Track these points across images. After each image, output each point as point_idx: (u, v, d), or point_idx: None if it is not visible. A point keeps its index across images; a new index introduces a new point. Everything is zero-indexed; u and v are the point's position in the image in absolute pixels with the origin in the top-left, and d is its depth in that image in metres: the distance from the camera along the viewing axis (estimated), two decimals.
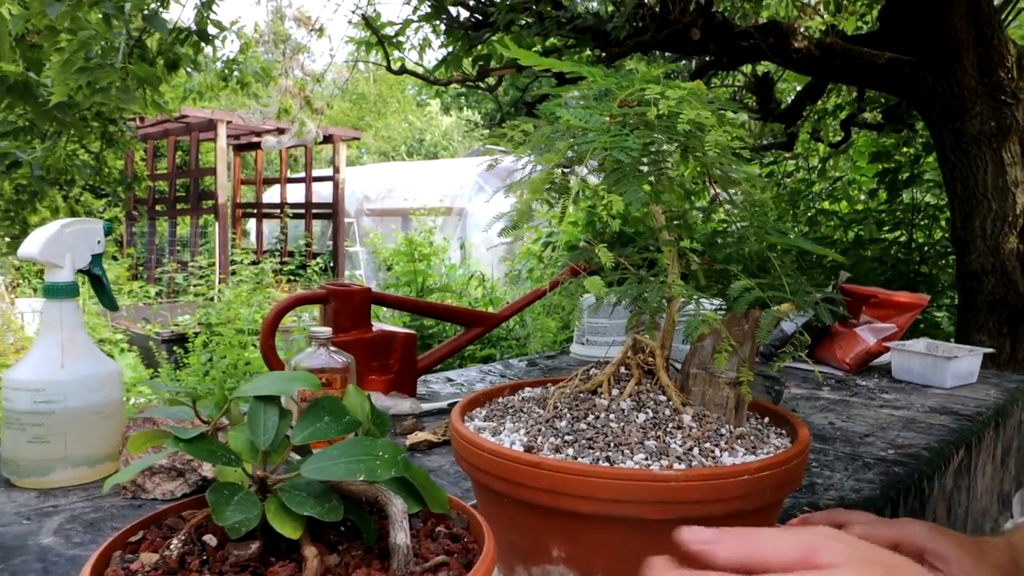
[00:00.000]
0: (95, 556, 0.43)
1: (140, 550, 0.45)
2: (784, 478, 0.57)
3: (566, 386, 0.67)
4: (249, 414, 0.44)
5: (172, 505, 0.50)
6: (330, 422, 0.45)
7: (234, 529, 0.37)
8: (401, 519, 0.41)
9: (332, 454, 0.40)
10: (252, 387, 0.46)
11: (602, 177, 0.53)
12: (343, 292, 1.27)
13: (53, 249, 0.88)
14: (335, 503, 0.40)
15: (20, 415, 0.85)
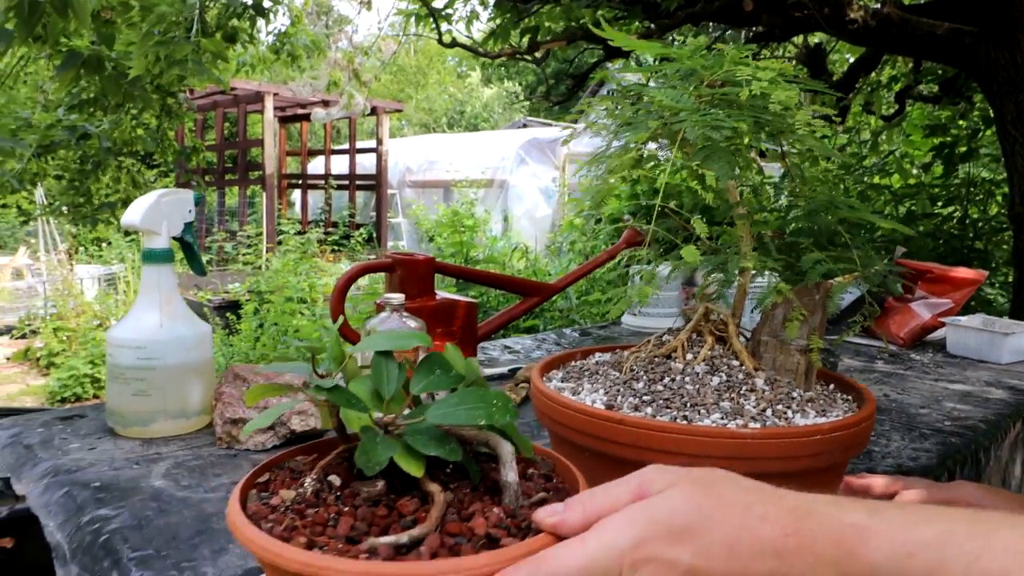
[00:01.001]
0: (237, 493, 0.48)
1: (271, 490, 0.50)
2: (853, 440, 0.60)
3: (640, 351, 0.71)
4: (373, 366, 0.49)
5: (287, 451, 0.55)
6: (441, 375, 0.50)
7: (371, 467, 0.42)
8: (510, 460, 0.45)
9: (452, 402, 0.45)
10: (370, 343, 0.50)
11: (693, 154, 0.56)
12: (409, 261, 1.32)
13: (152, 217, 0.95)
14: (454, 445, 0.44)
15: (124, 370, 0.92)
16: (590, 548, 0.38)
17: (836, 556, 0.37)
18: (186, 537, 0.67)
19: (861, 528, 0.38)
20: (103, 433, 0.94)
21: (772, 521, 0.38)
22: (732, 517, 0.39)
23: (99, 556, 0.66)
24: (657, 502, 0.40)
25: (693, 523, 0.38)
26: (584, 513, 0.40)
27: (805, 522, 0.38)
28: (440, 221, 5.80)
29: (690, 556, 0.38)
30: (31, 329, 5.46)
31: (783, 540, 0.38)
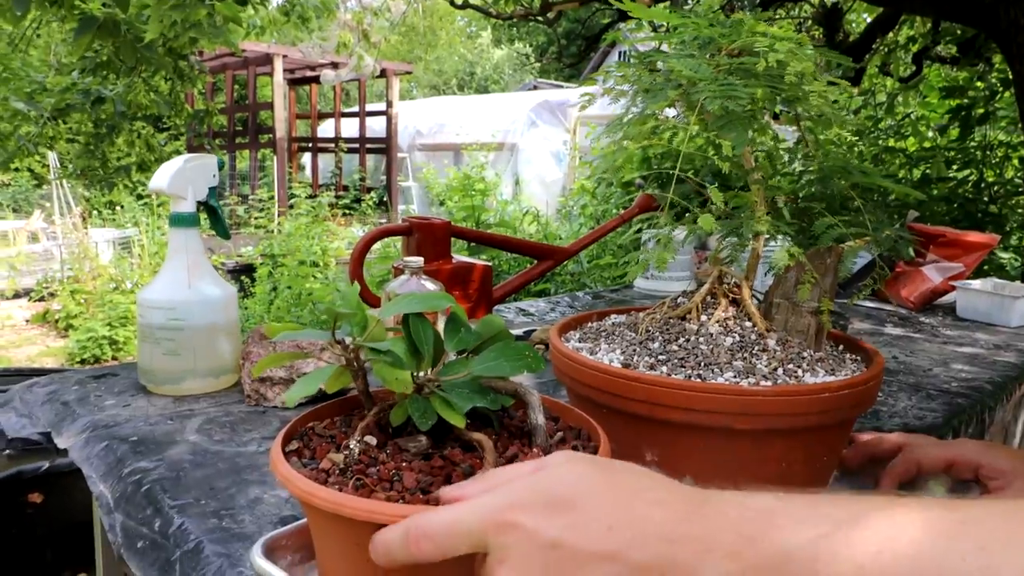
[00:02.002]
0: (285, 468, 0.50)
1: (315, 456, 0.51)
2: (860, 397, 0.63)
3: (655, 313, 0.74)
4: (409, 327, 0.51)
5: (300, 418, 0.56)
6: (467, 332, 0.53)
7: (425, 422, 0.45)
8: (538, 405, 0.48)
9: (491, 356, 0.48)
10: (403, 305, 0.52)
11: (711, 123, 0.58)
12: (426, 225, 1.34)
13: (179, 182, 0.97)
14: (493, 395, 0.47)
15: (155, 330, 0.95)
16: (461, 507, 0.38)
17: (736, 545, 0.34)
18: (222, 488, 0.71)
19: (767, 512, 0.35)
20: (135, 391, 0.98)
21: (666, 506, 0.36)
22: (619, 497, 0.37)
23: (142, 505, 0.70)
24: (542, 473, 0.38)
25: (573, 497, 0.36)
26: (484, 485, 0.40)
27: (702, 508, 0.36)
28: (451, 185, 5.80)
29: (558, 530, 0.35)
30: (49, 292, 5.54)
31: (675, 526, 0.35)
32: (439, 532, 0.37)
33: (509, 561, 0.36)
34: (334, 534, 0.46)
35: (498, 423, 0.52)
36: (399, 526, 0.39)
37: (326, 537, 0.47)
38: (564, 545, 0.35)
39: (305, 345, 0.97)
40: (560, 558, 0.35)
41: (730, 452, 0.62)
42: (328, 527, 0.46)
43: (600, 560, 0.35)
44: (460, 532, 0.37)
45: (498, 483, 0.39)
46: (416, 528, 0.38)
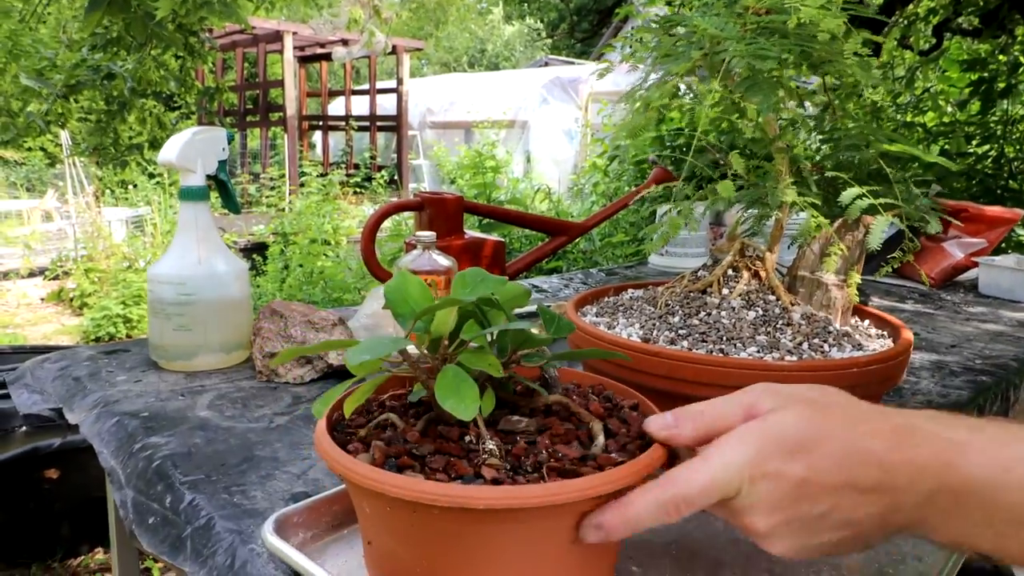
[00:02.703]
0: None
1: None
2: (888, 373, 0.61)
3: (675, 286, 0.71)
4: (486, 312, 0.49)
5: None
6: (486, 280, 0.51)
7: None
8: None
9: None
10: (471, 292, 0.50)
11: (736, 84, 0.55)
12: (438, 200, 1.32)
13: (187, 155, 0.95)
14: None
15: (165, 305, 0.94)
16: (714, 467, 0.41)
17: (936, 468, 0.40)
18: (233, 464, 0.70)
19: (960, 443, 0.40)
20: (147, 367, 0.97)
21: (879, 437, 0.41)
22: (841, 433, 0.41)
23: (153, 481, 0.69)
24: (771, 420, 0.42)
25: (805, 439, 0.41)
26: (695, 428, 0.44)
27: (909, 438, 0.41)
28: (462, 163, 5.76)
29: (802, 469, 0.40)
30: (63, 271, 5.56)
31: (888, 454, 0.40)
32: (699, 495, 0.41)
33: (761, 504, 0.41)
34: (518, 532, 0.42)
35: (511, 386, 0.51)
36: (649, 495, 0.41)
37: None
38: (809, 482, 0.40)
39: (317, 321, 0.95)
40: (806, 493, 0.40)
41: None
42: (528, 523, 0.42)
43: (837, 489, 0.40)
44: (717, 491, 0.41)
45: (706, 425, 0.44)
46: (675, 496, 0.41)
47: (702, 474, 0.41)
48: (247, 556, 0.56)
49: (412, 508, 0.40)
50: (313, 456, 0.72)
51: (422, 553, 0.43)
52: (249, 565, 0.55)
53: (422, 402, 0.50)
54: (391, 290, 0.49)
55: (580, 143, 7.68)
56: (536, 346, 0.50)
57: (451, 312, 0.47)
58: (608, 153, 5.18)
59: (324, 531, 0.57)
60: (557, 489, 0.40)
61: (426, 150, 8.56)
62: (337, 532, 0.58)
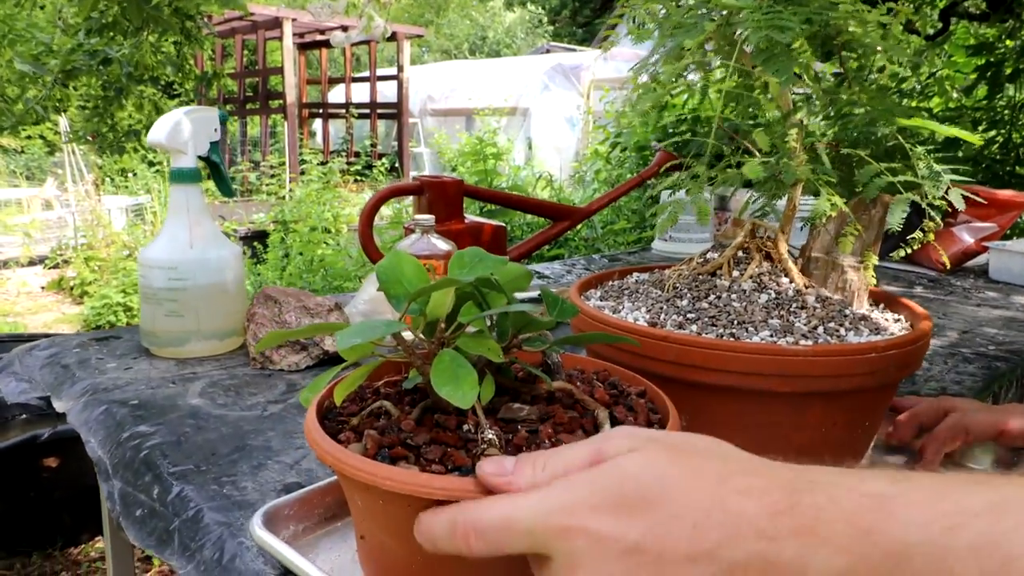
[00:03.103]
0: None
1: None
2: (908, 359, 0.58)
3: (683, 269, 0.68)
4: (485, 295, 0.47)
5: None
6: (485, 259, 0.48)
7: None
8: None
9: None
10: (472, 271, 0.47)
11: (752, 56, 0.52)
12: (437, 184, 1.29)
13: (177, 135, 0.92)
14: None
15: (156, 291, 0.91)
16: (518, 504, 0.33)
17: (849, 537, 0.29)
18: (224, 453, 0.67)
19: (884, 498, 0.29)
20: (138, 353, 0.94)
21: (757, 496, 0.31)
22: (701, 489, 0.31)
23: (140, 471, 0.66)
24: (608, 467, 0.33)
25: (649, 494, 0.31)
26: (534, 474, 0.35)
27: (804, 496, 0.30)
28: (463, 150, 5.71)
29: (637, 533, 0.31)
30: (63, 259, 5.54)
31: (771, 520, 0.30)
32: (491, 528, 0.33)
33: (581, 570, 0.32)
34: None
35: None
36: (445, 514, 0.35)
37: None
38: (645, 550, 0.31)
39: (312, 307, 0.93)
40: (641, 564, 0.31)
41: (765, 416, 0.57)
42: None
43: (688, 563, 0.30)
44: (516, 531, 0.33)
45: (550, 472, 0.34)
46: (466, 521, 0.34)
47: (501, 507, 0.33)
48: (236, 550, 0.53)
49: (407, 502, 0.38)
50: (307, 446, 0.69)
51: (417, 548, 0.40)
52: (238, 559, 0.53)
53: (418, 389, 0.48)
54: (384, 270, 0.46)
55: (582, 130, 7.63)
56: (538, 330, 0.47)
57: (448, 293, 0.44)
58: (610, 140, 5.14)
59: (316, 524, 0.55)
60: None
61: (427, 138, 8.51)
62: (330, 524, 0.55)
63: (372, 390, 0.50)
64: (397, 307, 0.45)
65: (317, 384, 0.46)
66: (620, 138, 5.02)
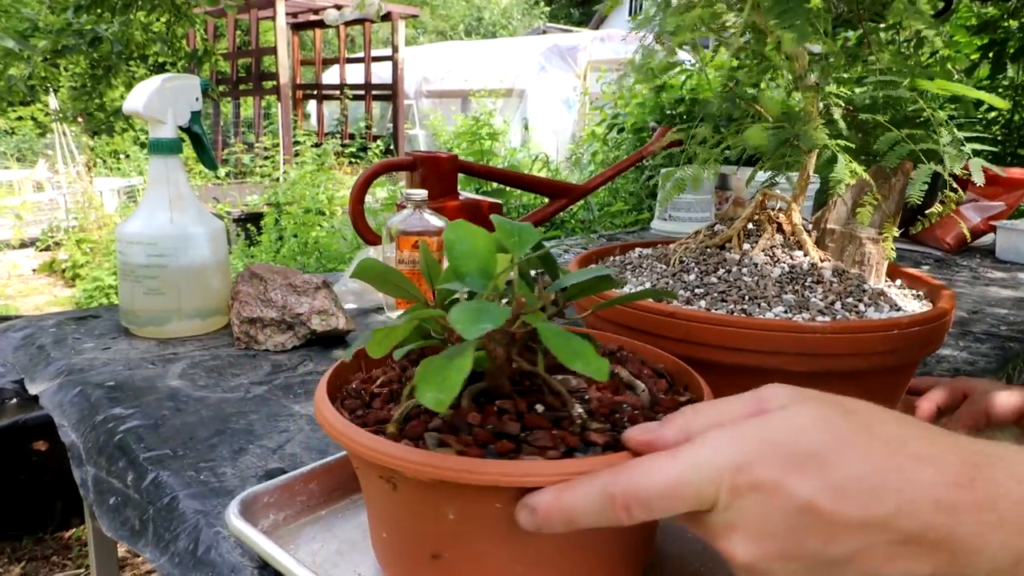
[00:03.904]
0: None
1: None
2: (931, 336, 0.54)
3: (690, 242, 0.64)
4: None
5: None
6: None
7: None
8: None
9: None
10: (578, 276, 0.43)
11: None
12: (430, 159, 1.24)
13: (156, 103, 0.87)
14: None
15: (135, 268, 0.87)
16: (682, 464, 0.30)
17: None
18: (203, 437, 0.63)
19: None
20: (117, 333, 0.90)
21: (937, 464, 0.28)
22: (878, 450, 0.29)
23: (114, 456, 0.62)
24: (777, 418, 0.31)
25: (824, 449, 0.29)
26: (685, 426, 0.33)
27: (984, 470, 0.28)
28: (458, 131, 5.65)
29: (813, 490, 0.28)
30: (54, 241, 5.47)
31: (950, 490, 0.28)
32: (658, 495, 0.30)
33: (746, 526, 0.29)
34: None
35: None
36: (590, 486, 0.31)
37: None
38: (818, 509, 0.28)
39: (299, 284, 0.88)
40: (810, 524, 0.28)
41: None
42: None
43: (860, 529, 0.28)
44: (686, 494, 0.30)
45: (708, 425, 0.32)
46: (626, 492, 0.31)
47: (665, 471, 0.31)
48: (212, 540, 0.50)
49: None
50: (291, 429, 0.65)
51: (524, 547, 0.36)
52: (214, 551, 0.49)
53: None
54: (453, 243, 0.40)
55: (578, 112, 7.55)
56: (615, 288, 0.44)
57: (511, 270, 0.40)
58: (607, 122, 5.08)
59: (299, 512, 0.51)
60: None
61: (422, 119, 8.42)
62: (313, 513, 0.51)
63: (368, 379, 0.46)
64: (473, 285, 0.39)
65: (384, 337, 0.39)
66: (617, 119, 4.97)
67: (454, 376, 0.32)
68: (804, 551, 0.29)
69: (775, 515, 0.29)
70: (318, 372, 0.79)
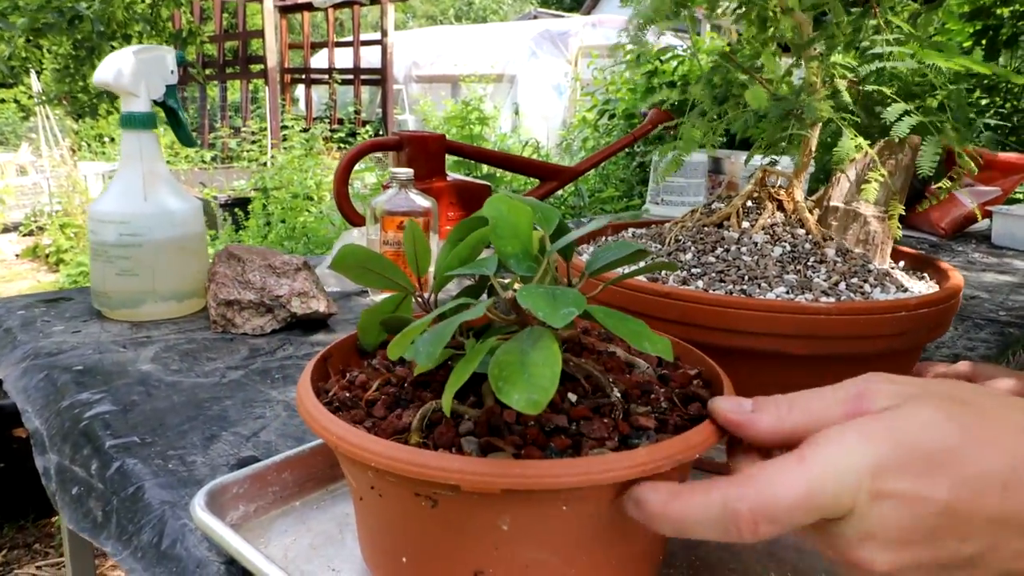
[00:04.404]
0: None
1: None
2: (940, 318, 0.51)
3: (686, 221, 0.61)
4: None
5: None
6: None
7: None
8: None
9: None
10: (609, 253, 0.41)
11: None
12: (418, 138, 1.20)
13: (127, 76, 0.83)
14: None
15: (108, 247, 0.83)
16: (815, 472, 0.28)
17: None
18: (174, 424, 0.60)
19: None
20: (89, 316, 0.86)
21: None
22: (1003, 443, 0.28)
23: (79, 444, 0.59)
24: (900, 418, 0.29)
25: (952, 447, 0.28)
26: (779, 420, 0.31)
27: None
28: (448, 116, 5.59)
29: (947, 491, 0.27)
30: (38, 226, 5.39)
31: None
32: (789, 508, 0.28)
33: (885, 534, 0.28)
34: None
35: None
36: (709, 496, 0.29)
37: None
38: (958, 513, 0.27)
39: (278, 265, 0.85)
40: (948, 525, 0.27)
41: (780, 383, 0.51)
42: None
43: (994, 526, 0.27)
44: (822, 504, 0.28)
45: (808, 422, 0.31)
46: (755, 508, 0.28)
47: (795, 480, 0.28)
48: (178, 533, 0.46)
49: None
50: (267, 415, 0.62)
51: (580, 555, 0.33)
52: (179, 545, 0.46)
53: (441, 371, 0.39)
54: (498, 218, 0.36)
55: (569, 98, 7.50)
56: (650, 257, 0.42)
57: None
58: (598, 107, 5.03)
59: (271, 503, 0.48)
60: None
61: (412, 104, 8.34)
62: (286, 504, 0.48)
63: (352, 383, 0.42)
64: (515, 265, 0.36)
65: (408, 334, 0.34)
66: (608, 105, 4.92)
67: (545, 370, 0.29)
68: (943, 554, 0.28)
69: (915, 520, 0.27)
70: (297, 356, 0.76)
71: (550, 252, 0.36)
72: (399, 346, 0.33)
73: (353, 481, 0.37)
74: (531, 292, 0.31)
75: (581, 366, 0.38)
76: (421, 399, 0.38)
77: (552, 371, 0.29)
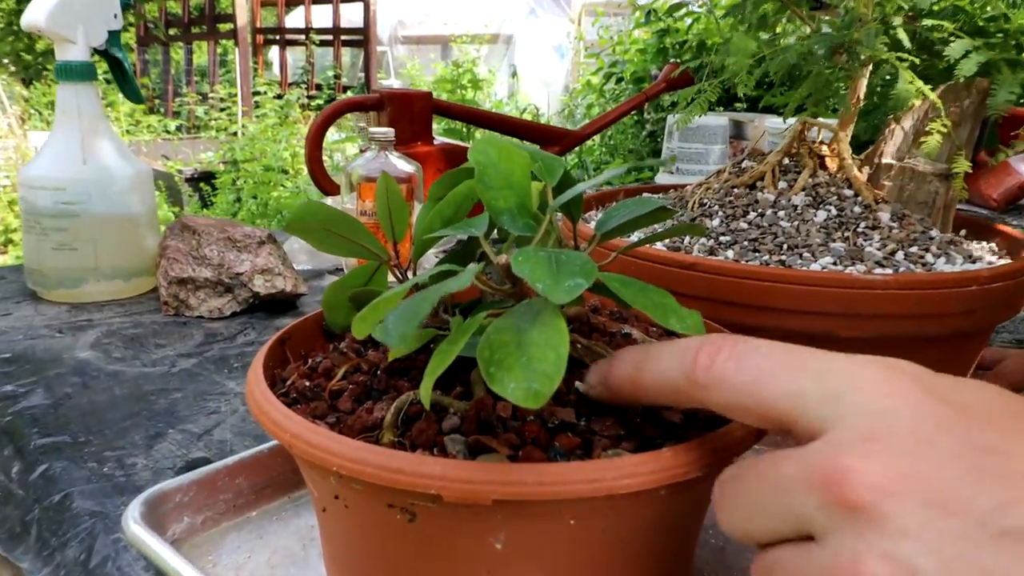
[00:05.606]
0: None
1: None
2: (1015, 294, 0.48)
3: (712, 182, 0.58)
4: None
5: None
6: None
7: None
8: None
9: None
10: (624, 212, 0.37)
11: None
12: (400, 96, 1.16)
13: (61, 17, 0.79)
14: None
15: (42, 218, 0.79)
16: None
17: None
18: (113, 420, 0.56)
19: None
20: (22, 297, 0.82)
21: None
22: None
23: (0, 443, 0.55)
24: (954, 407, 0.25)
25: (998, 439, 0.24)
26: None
27: None
28: (438, 79, 5.53)
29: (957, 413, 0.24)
30: None
31: None
32: (758, 346, 0.27)
33: (891, 433, 0.23)
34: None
35: None
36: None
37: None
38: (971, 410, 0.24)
39: (239, 238, 0.81)
40: (960, 418, 0.24)
41: None
42: None
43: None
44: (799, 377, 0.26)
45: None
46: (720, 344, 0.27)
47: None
48: (109, 550, 0.43)
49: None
50: (223, 410, 0.59)
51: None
52: (111, 563, 0.42)
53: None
54: (486, 164, 0.32)
55: (572, 61, 7.42)
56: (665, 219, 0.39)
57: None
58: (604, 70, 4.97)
59: (222, 513, 0.44)
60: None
61: (397, 68, 8.25)
62: (240, 515, 0.45)
63: (312, 371, 0.38)
64: (515, 227, 0.32)
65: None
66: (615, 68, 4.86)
67: (548, 352, 0.25)
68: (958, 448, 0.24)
69: (917, 419, 0.24)
70: (260, 343, 0.72)
71: (553, 208, 0.32)
72: (365, 322, 0.29)
73: (315, 489, 0.34)
74: (529, 257, 0.27)
75: (591, 349, 0.34)
76: (397, 389, 0.34)
77: (557, 353, 0.25)
